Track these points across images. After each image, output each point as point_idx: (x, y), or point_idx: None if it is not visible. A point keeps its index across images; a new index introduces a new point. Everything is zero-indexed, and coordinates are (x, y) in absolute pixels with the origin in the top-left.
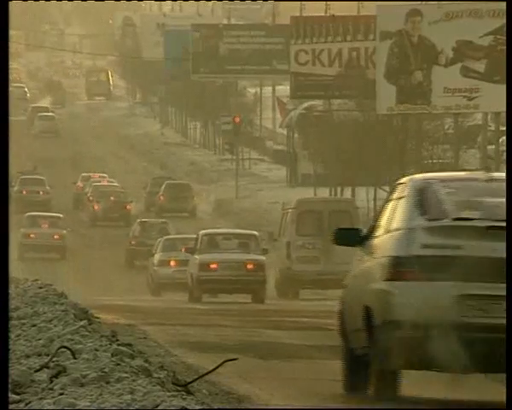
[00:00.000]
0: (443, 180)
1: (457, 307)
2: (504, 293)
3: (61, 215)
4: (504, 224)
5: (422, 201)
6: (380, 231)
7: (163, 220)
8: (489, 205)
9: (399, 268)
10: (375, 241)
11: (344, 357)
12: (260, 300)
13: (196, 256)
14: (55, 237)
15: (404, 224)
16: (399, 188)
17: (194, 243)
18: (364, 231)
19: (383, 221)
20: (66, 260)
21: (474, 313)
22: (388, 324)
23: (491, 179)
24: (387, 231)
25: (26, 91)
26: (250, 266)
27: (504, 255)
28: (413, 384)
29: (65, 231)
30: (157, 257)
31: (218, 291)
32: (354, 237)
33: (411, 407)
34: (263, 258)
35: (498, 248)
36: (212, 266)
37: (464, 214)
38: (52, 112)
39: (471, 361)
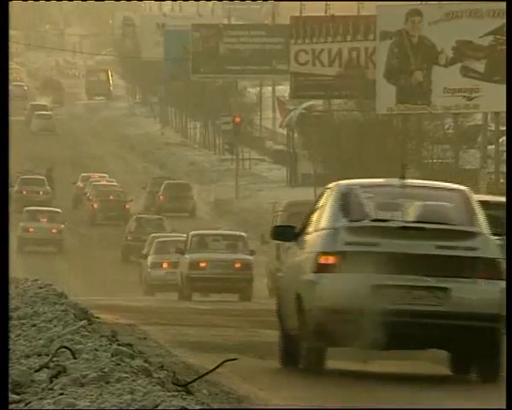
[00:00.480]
0: (363, 186)
1: (372, 295)
2: (413, 283)
3: (60, 210)
4: (417, 224)
5: (345, 204)
6: (310, 229)
7: (158, 217)
8: (403, 208)
9: (324, 261)
10: (306, 237)
11: (280, 336)
12: (247, 297)
13: (186, 256)
14: (53, 231)
15: (330, 224)
16: (327, 192)
17: (184, 244)
18: (298, 229)
19: (313, 221)
20: (64, 256)
21: (387, 300)
22: (315, 309)
23: (405, 186)
24: (316, 230)
25: (25, 90)
26: (238, 266)
27: (417, 251)
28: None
29: (63, 226)
30: (150, 259)
31: (208, 289)
32: (289, 234)
33: (412, 407)
34: (250, 258)
35: (411, 245)
36: (202, 264)
37: (381, 216)
38: (50, 110)
39: (382, 340)
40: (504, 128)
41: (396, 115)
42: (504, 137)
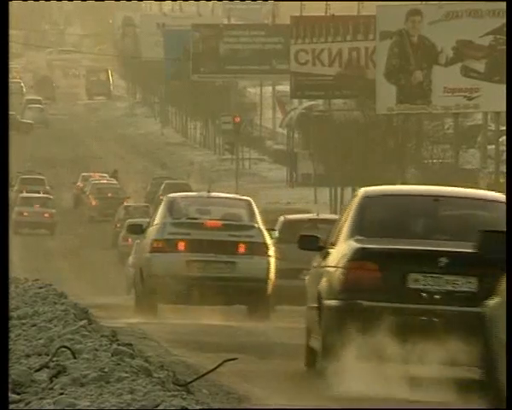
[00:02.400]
0: (184, 197)
1: (186, 267)
2: (213, 259)
3: (52, 196)
4: (216, 221)
5: (171, 207)
6: (150, 224)
7: (145, 204)
8: (210, 211)
9: (156, 245)
10: (148, 229)
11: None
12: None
13: None
14: (46, 215)
15: (161, 220)
16: (163, 200)
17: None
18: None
19: (152, 218)
20: (55, 238)
21: (196, 270)
22: (150, 277)
23: (211, 197)
24: (152, 225)
25: (22, 86)
26: None
27: (215, 238)
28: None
29: (54, 211)
30: (131, 259)
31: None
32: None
33: (412, 408)
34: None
35: (212, 234)
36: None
37: (194, 216)
38: (44, 104)
39: (194, 297)
40: (504, 128)
41: (396, 115)
42: (504, 137)
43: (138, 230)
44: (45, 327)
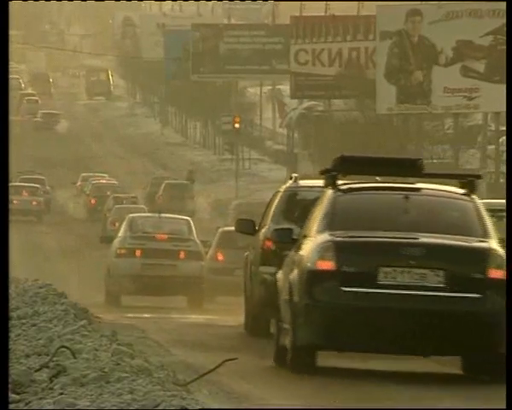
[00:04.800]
0: (142, 217)
1: (142, 268)
2: (161, 262)
3: (39, 186)
4: (168, 235)
5: (131, 225)
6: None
7: (133, 195)
8: (160, 227)
9: (119, 252)
10: (115, 240)
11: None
12: None
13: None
14: (34, 203)
15: (123, 234)
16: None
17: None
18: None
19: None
20: (43, 224)
21: (150, 270)
22: (115, 275)
23: (161, 217)
24: (118, 236)
25: (20, 83)
26: None
27: (165, 248)
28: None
29: (42, 199)
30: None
31: None
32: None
33: (412, 407)
34: None
35: (164, 245)
36: None
37: (146, 230)
38: (37, 98)
39: (150, 290)
40: (504, 128)
41: (396, 115)
42: (504, 137)
43: (109, 240)
44: (45, 327)
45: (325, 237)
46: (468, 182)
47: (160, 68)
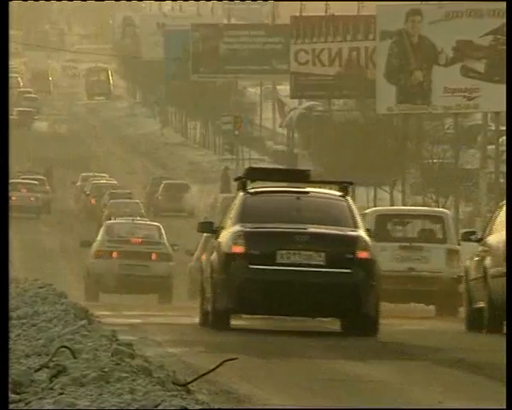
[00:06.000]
0: (118, 222)
1: (118, 268)
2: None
3: (37, 182)
4: (141, 239)
5: (109, 229)
6: None
7: (128, 191)
8: (134, 232)
9: (97, 254)
10: (94, 244)
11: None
12: None
13: None
14: (32, 199)
15: (101, 237)
16: None
17: None
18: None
19: None
20: (40, 219)
21: (125, 270)
22: (94, 274)
23: (135, 223)
24: (95, 241)
25: (19, 81)
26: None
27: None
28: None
29: (39, 195)
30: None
31: None
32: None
33: (412, 407)
34: None
35: (135, 247)
36: None
37: (122, 235)
38: (35, 94)
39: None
40: (504, 128)
41: (396, 115)
42: (504, 137)
43: (88, 244)
44: (45, 327)
45: (237, 228)
46: (343, 187)
47: (160, 68)
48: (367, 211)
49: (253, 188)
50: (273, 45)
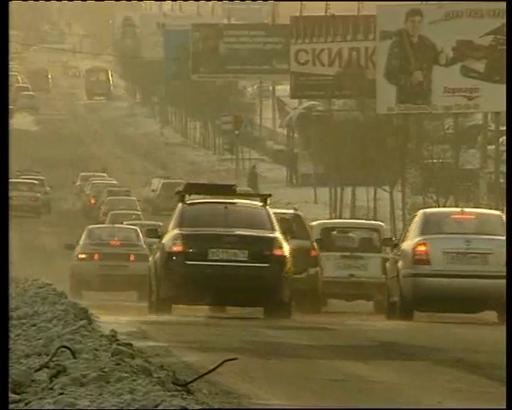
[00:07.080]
0: (99, 227)
1: (99, 269)
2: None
3: (37, 182)
4: (120, 241)
5: (90, 233)
6: None
7: (126, 189)
8: (114, 235)
9: (80, 256)
10: (77, 247)
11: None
12: None
13: None
14: (32, 198)
15: (83, 241)
16: None
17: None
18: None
19: None
20: (39, 218)
21: (105, 271)
22: (77, 274)
23: (115, 227)
24: (77, 244)
25: (18, 79)
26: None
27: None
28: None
29: (39, 195)
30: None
31: None
32: None
33: (412, 407)
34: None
35: (115, 249)
36: None
37: (103, 238)
38: (33, 92)
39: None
40: (504, 128)
41: (396, 115)
42: (504, 137)
43: (71, 247)
44: (45, 327)
45: (176, 231)
46: (263, 198)
47: (160, 68)
48: (313, 223)
49: (190, 200)
50: (273, 45)
